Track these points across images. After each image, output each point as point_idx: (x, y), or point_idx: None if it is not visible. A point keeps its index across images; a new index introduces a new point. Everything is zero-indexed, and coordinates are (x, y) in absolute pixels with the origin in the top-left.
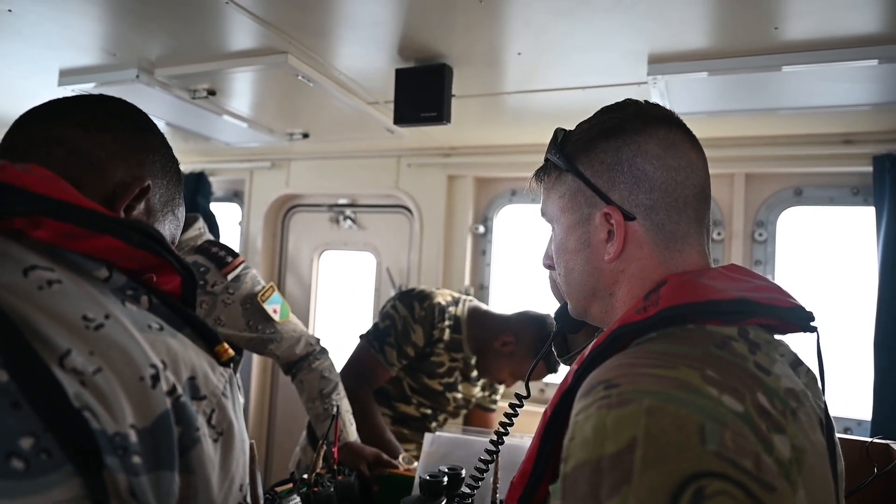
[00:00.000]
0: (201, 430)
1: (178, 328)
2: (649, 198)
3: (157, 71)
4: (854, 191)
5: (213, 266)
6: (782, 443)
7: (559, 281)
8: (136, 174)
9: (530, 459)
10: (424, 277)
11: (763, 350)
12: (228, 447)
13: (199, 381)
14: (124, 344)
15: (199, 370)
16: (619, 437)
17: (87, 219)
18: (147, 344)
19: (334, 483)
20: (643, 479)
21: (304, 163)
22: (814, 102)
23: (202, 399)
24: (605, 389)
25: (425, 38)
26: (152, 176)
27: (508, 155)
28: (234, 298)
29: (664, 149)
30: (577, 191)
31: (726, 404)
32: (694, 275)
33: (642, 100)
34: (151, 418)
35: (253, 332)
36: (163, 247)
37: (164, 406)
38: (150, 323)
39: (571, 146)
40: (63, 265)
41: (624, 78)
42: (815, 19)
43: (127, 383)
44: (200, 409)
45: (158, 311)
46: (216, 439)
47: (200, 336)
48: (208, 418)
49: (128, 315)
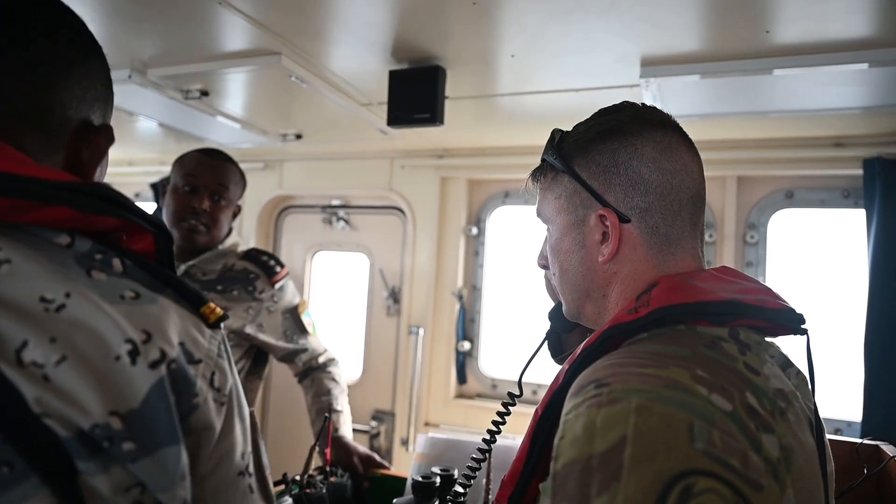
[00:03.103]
0: (201, 395)
1: (159, 291)
2: (644, 200)
3: (149, 71)
4: (844, 193)
5: (263, 274)
6: (771, 442)
7: (553, 281)
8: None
9: (521, 458)
10: (417, 279)
11: (753, 351)
12: (230, 413)
13: (191, 346)
14: (92, 323)
15: (188, 334)
16: (609, 435)
17: (26, 189)
18: (121, 317)
19: (326, 484)
20: (632, 476)
21: (298, 164)
22: (805, 106)
23: (198, 363)
24: (596, 388)
25: (418, 39)
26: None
27: (501, 156)
28: (277, 308)
29: (660, 152)
30: (573, 192)
31: (715, 403)
32: (685, 276)
33: (639, 102)
34: (138, 398)
35: (288, 342)
36: (125, 208)
37: (152, 380)
38: (124, 292)
39: (568, 147)
40: (12, 240)
41: (616, 80)
42: (805, 23)
43: (99, 367)
44: (199, 374)
45: (134, 275)
46: (222, 403)
47: (183, 297)
48: (210, 381)
49: (95, 288)
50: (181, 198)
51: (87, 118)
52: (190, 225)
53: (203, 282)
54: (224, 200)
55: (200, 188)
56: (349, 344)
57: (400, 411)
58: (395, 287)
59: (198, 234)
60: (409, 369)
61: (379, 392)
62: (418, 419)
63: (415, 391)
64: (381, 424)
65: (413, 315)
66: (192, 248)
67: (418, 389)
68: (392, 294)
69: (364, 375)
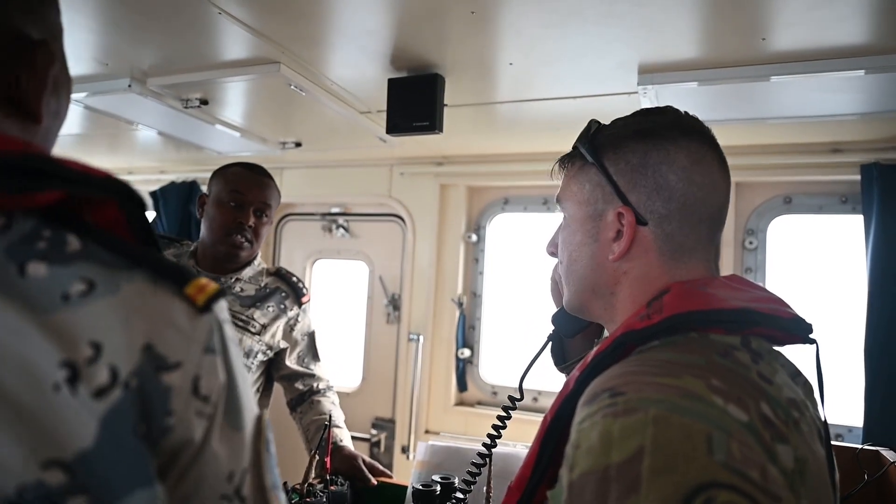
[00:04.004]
0: (176, 415)
1: (126, 274)
2: (666, 207)
3: (149, 80)
4: (843, 199)
5: (293, 294)
6: (786, 453)
7: (560, 270)
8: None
9: (529, 464)
10: (417, 286)
11: (765, 360)
12: (212, 424)
13: (163, 347)
14: (15, 348)
15: (160, 331)
16: (626, 445)
17: None
18: (59, 330)
19: (326, 493)
20: (652, 488)
21: (297, 171)
22: (802, 112)
23: (174, 368)
24: (611, 398)
25: (417, 47)
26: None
27: (501, 164)
28: (297, 328)
29: (692, 163)
30: (597, 185)
31: (732, 414)
32: (697, 284)
33: (683, 111)
34: (88, 435)
35: (299, 366)
36: (63, 177)
37: (102, 409)
38: (70, 288)
39: (602, 140)
40: None
41: (615, 87)
42: (802, 30)
43: (26, 405)
44: (175, 384)
45: (93, 257)
46: (210, 415)
47: (162, 277)
48: (192, 389)
49: (26, 292)
50: (229, 213)
51: (18, 30)
52: (236, 241)
53: (242, 297)
54: (266, 217)
55: (246, 205)
56: (349, 352)
57: (400, 419)
58: (394, 294)
59: (243, 249)
60: (409, 377)
61: (379, 400)
62: (418, 427)
63: (415, 399)
64: (381, 432)
65: (413, 322)
66: (234, 260)
67: (418, 397)
68: (392, 301)
69: (364, 383)
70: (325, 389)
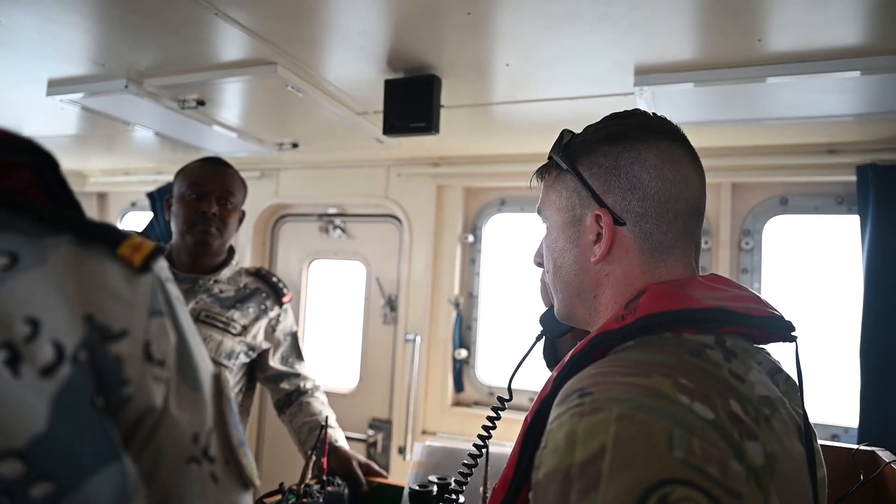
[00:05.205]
0: (133, 383)
1: (50, 240)
2: (641, 206)
3: (146, 81)
4: (838, 200)
5: (273, 294)
6: (754, 449)
7: (547, 279)
8: None
9: (511, 465)
10: (414, 287)
11: (739, 358)
12: (169, 387)
13: (105, 316)
14: None
15: (99, 299)
16: (589, 444)
17: None
18: None
19: (323, 493)
20: (610, 486)
21: (294, 172)
22: (798, 113)
23: (122, 336)
24: (580, 398)
25: (414, 49)
26: None
27: (497, 164)
28: (279, 328)
29: (663, 160)
30: (574, 191)
31: (697, 412)
32: (674, 284)
33: (651, 112)
34: (40, 419)
35: (283, 366)
36: None
37: (53, 390)
38: None
39: (575, 147)
40: None
41: (611, 89)
42: (798, 32)
43: None
44: (126, 352)
45: (11, 226)
46: (167, 380)
47: (91, 240)
48: (145, 355)
49: None
50: (189, 205)
51: None
52: (202, 229)
53: (221, 298)
54: (230, 204)
55: (207, 194)
56: (346, 352)
57: (397, 419)
58: (391, 295)
59: (210, 237)
60: (406, 377)
61: (376, 400)
62: (415, 427)
63: (412, 399)
64: (378, 433)
65: (410, 323)
66: (206, 252)
67: (415, 398)
68: (389, 302)
69: (361, 384)
70: (312, 389)
